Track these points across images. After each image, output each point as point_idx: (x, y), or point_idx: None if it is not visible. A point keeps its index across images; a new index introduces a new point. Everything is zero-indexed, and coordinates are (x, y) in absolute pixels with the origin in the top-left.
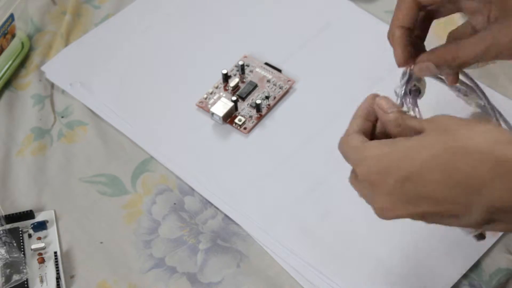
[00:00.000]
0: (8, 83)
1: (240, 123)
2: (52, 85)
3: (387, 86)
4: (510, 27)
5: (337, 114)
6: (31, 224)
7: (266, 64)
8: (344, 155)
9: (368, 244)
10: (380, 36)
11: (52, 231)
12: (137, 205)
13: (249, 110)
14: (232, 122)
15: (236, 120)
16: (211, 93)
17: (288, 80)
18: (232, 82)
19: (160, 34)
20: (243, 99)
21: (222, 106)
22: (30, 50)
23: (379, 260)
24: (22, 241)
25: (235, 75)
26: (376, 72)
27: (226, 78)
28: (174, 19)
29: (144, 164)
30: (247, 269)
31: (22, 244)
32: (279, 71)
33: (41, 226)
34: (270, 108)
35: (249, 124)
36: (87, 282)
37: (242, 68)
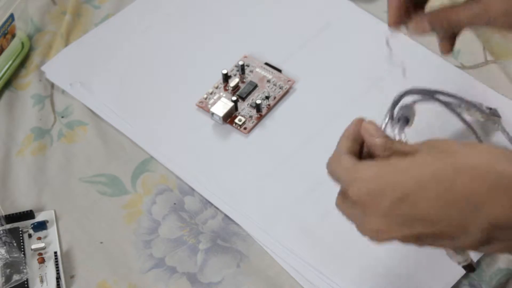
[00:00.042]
0: (8, 83)
1: (240, 123)
2: (52, 85)
3: (387, 86)
4: None
5: (337, 114)
6: (31, 224)
7: (266, 64)
8: (334, 175)
9: (368, 244)
10: (380, 36)
11: (52, 231)
12: (137, 205)
13: (249, 110)
14: (232, 122)
15: (236, 120)
16: (211, 93)
17: (288, 80)
18: (232, 82)
19: (160, 34)
20: (243, 99)
21: (222, 106)
22: (30, 50)
23: (379, 260)
24: (22, 241)
25: (235, 75)
26: (376, 72)
27: (226, 78)
28: (174, 19)
29: (144, 164)
30: (247, 269)
31: (22, 244)
32: (279, 71)
33: (41, 226)
34: (270, 108)
35: (249, 124)
36: (87, 282)
37: (242, 68)
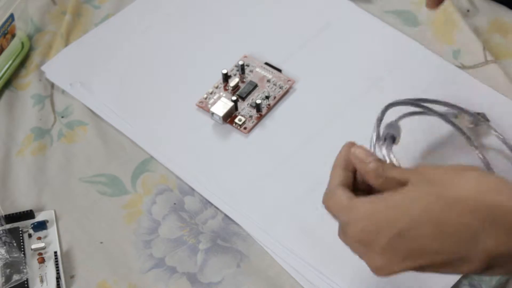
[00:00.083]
0: (8, 83)
1: (240, 123)
2: (52, 85)
3: (387, 86)
4: None
5: (337, 114)
6: (31, 224)
7: (266, 64)
8: (331, 212)
9: None
10: (380, 36)
11: (52, 231)
12: (137, 205)
13: (249, 110)
14: (232, 122)
15: (236, 120)
16: (211, 93)
17: (288, 80)
18: (232, 82)
19: (160, 34)
20: (243, 99)
21: (222, 106)
22: (30, 50)
23: None
24: (22, 241)
25: (235, 75)
26: (376, 72)
27: (226, 78)
28: (174, 19)
29: (144, 164)
30: (247, 269)
31: (22, 244)
32: (279, 71)
33: (41, 226)
34: (270, 108)
35: (249, 124)
36: (87, 282)
37: (242, 68)
